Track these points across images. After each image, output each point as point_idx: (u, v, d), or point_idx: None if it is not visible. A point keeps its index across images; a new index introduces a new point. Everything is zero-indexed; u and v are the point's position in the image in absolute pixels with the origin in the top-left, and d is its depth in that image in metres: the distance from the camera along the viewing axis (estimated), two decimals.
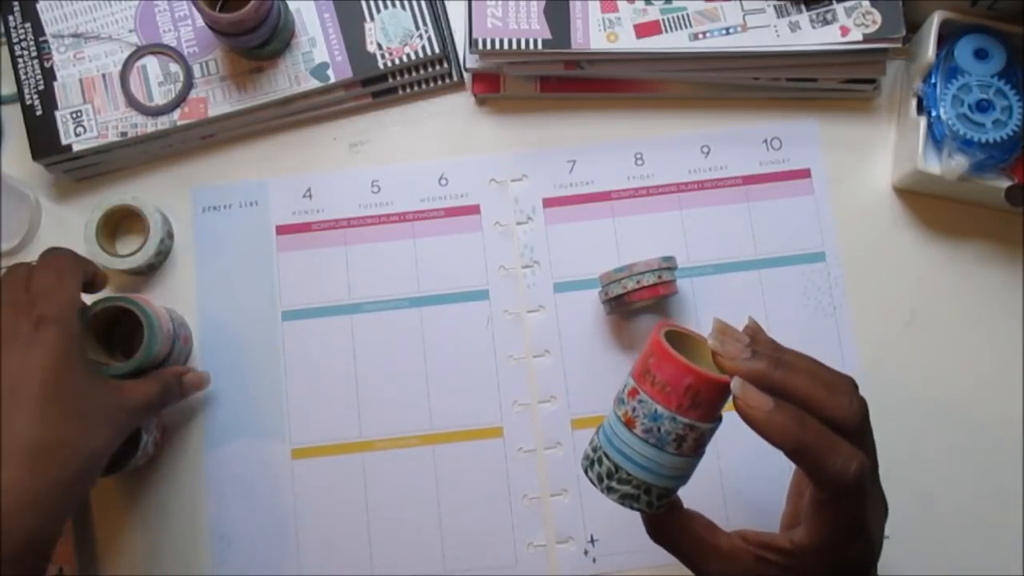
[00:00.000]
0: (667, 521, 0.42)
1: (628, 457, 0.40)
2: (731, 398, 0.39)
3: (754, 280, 0.59)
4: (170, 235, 0.60)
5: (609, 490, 0.41)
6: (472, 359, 0.59)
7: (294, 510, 0.57)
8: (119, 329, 0.55)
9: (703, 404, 0.39)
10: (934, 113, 0.56)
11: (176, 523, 0.57)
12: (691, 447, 0.40)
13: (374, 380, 0.58)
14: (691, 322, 0.59)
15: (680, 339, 0.41)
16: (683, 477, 0.41)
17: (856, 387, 0.40)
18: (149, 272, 0.60)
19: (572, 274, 0.59)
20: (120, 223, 0.61)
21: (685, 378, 0.38)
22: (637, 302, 0.55)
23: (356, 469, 0.57)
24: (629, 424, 0.40)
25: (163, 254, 0.60)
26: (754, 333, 0.41)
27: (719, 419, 0.40)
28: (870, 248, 0.60)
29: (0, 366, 0.44)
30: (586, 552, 0.56)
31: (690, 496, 0.43)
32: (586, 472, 0.42)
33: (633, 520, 0.56)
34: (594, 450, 0.42)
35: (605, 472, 0.41)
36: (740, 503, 0.57)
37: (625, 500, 0.40)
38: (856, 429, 0.39)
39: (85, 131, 0.59)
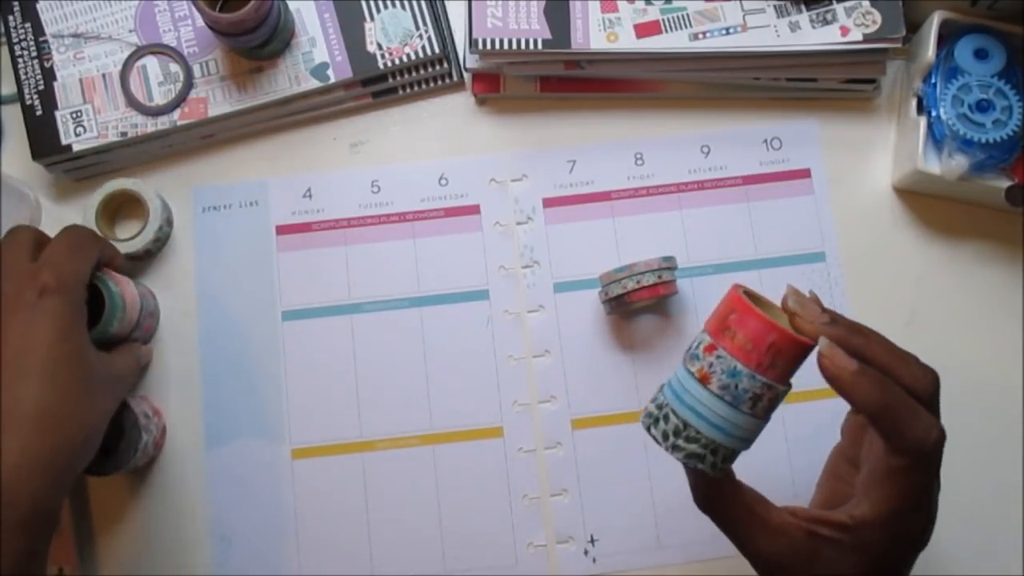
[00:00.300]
0: (720, 489, 0.41)
1: (700, 415, 0.39)
2: (817, 359, 0.39)
3: (754, 280, 0.59)
4: (169, 222, 0.60)
5: (674, 448, 0.40)
6: (472, 359, 0.59)
7: (294, 510, 0.57)
8: (91, 303, 0.54)
9: (782, 364, 0.39)
10: (934, 113, 0.56)
11: (176, 523, 0.57)
12: (764, 408, 0.39)
13: (374, 380, 0.58)
14: (691, 322, 0.59)
15: (755, 300, 0.41)
16: (749, 440, 0.40)
17: (921, 360, 0.41)
18: (146, 258, 0.60)
19: (572, 274, 0.59)
20: (120, 208, 0.61)
21: (769, 335, 0.38)
22: (637, 302, 0.56)
23: (356, 469, 0.57)
24: (704, 380, 0.39)
25: (161, 240, 0.60)
26: (829, 310, 0.41)
27: (790, 385, 0.40)
28: (870, 248, 0.60)
29: (3, 333, 0.45)
30: (586, 552, 0.56)
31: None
32: (648, 430, 0.41)
33: (633, 520, 0.56)
34: (659, 407, 0.41)
35: (672, 429, 0.40)
36: None
37: (690, 459, 0.40)
38: (930, 399, 0.40)
39: (85, 131, 0.59)
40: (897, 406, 0.38)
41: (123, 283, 0.55)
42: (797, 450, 0.57)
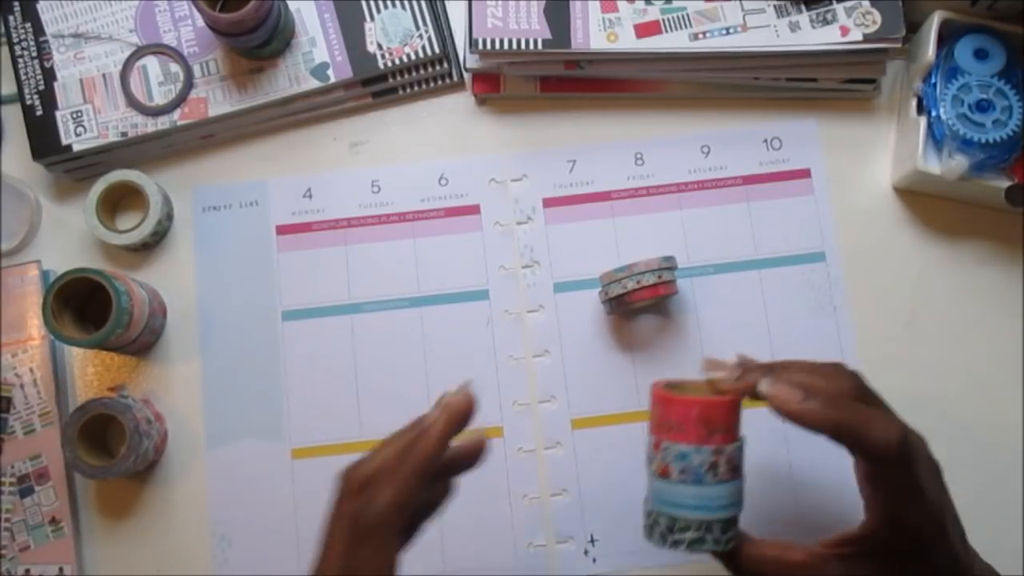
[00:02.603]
0: (742, 555, 0.43)
1: (678, 505, 0.41)
2: (767, 403, 0.40)
3: (754, 280, 0.59)
4: (169, 217, 0.60)
5: (676, 543, 0.42)
6: (472, 359, 0.59)
7: (294, 510, 0.57)
8: (98, 301, 0.54)
9: (719, 427, 0.41)
10: (934, 113, 0.56)
11: (176, 523, 0.57)
12: (726, 471, 0.41)
13: (374, 380, 0.58)
14: (691, 322, 0.59)
15: (677, 388, 0.44)
16: (734, 504, 0.42)
17: (842, 365, 0.43)
18: (144, 251, 0.60)
19: (572, 274, 0.59)
20: (121, 200, 0.61)
21: (692, 409, 0.41)
22: (637, 302, 0.55)
23: None
24: (665, 474, 0.42)
25: (159, 235, 0.60)
26: (743, 361, 0.43)
27: (741, 438, 0.42)
28: (870, 248, 0.60)
29: None
30: (586, 552, 0.56)
31: None
32: (650, 539, 0.43)
33: (633, 520, 0.56)
34: (648, 515, 0.43)
35: (665, 528, 0.42)
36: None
37: (694, 545, 0.42)
38: (862, 396, 0.41)
39: (85, 131, 0.59)
40: (851, 419, 0.39)
41: (130, 283, 0.55)
42: (797, 448, 0.57)
